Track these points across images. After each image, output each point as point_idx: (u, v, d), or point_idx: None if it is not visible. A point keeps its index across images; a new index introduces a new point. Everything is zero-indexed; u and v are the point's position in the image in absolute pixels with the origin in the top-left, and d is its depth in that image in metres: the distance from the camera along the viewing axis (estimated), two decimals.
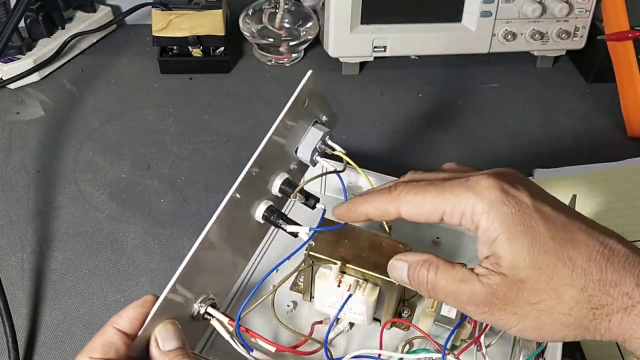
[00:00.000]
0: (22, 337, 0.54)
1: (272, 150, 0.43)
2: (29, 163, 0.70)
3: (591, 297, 0.33)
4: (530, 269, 0.33)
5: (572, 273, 0.33)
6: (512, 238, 0.34)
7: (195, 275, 0.40)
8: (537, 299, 0.34)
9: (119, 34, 0.92)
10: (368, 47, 0.80)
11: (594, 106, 0.81)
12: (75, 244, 0.62)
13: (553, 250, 0.33)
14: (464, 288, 0.35)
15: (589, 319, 0.33)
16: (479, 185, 0.35)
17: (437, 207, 0.37)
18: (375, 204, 0.40)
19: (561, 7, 0.78)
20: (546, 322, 0.34)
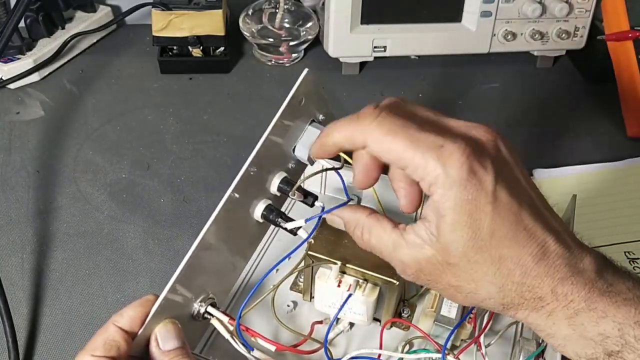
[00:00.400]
0: (22, 337, 0.54)
1: (269, 149, 0.43)
2: (29, 163, 0.70)
3: (505, 297, 0.35)
4: (460, 258, 0.35)
5: (496, 272, 0.35)
6: (455, 226, 0.34)
7: (194, 275, 0.40)
8: (457, 283, 0.36)
9: (119, 34, 0.92)
10: (368, 47, 0.80)
11: (594, 106, 0.81)
12: (75, 244, 0.62)
13: (487, 247, 0.34)
14: (396, 256, 0.37)
15: (498, 309, 0.36)
16: (450, 160, 0.34)
17: (401, 159, 0.35)
18: (344, 132, 0.38)
19: (561, 7, 0.78)
20: (459, 299, 0.37)
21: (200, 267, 0.40)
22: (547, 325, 0.35)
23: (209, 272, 0.42)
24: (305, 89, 0.44)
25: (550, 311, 0.35)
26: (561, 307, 0.35)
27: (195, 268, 0.39)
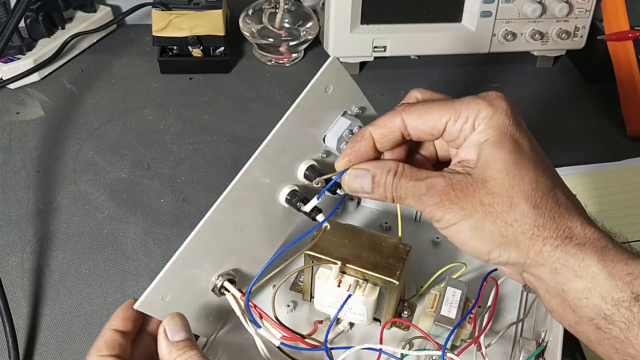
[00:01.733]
0: (22, 337, 0.54)
1: (296, 134, 0.44)
2: (29, 163, 0.70)
3: (538, 216, 0.35)
4: (499, 171, 0.35)
5: (533, 191, 0.35)
6: (499, 142, 0.36)
7: (213, 244, 0.42)
8: (490, 201, 0.35)
9: (119, 34, 0.92)
10: (368, 47, 0.80)
11: (594, 106, 0.81)
12: (75, 244, 0.62)
13: (526, 166, 0.36)
14: (424, 181, 0.37)
15: (526, 236, 0.35)
16: (489, 96, 0.37)
17: (444, 115, 0.38)
18: (379, 122, 0.40)
19: (561, 7, 0.78)
20: (486, 226, 0.36)
21: (220, 239, 0.42)
22: (576, 262, 0.34)
23: (231, 249, 0.44)
24: (333, 76, 0.44)
25: (580, 243, 0.35)
26: (590, 242, 0.35)
27: (213, 235, 0.42)
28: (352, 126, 0.45)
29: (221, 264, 0.44)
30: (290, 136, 0.43)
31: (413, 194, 0.38)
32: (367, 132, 0.40)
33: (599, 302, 0.34)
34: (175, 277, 0.42)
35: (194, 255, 0.42)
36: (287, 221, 0.48)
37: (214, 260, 0.44)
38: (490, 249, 0.36)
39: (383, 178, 0.39)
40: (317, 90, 0.43)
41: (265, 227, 0.46)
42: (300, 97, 0.43)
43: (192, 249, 0.42)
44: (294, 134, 0.44)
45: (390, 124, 0.39)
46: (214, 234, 0.43)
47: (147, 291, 0.40)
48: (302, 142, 0.44)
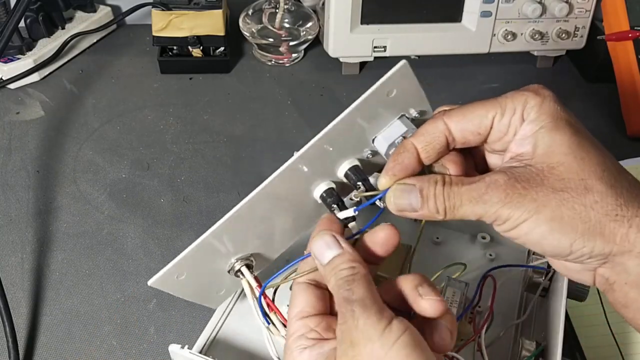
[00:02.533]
0: (22, 337, 0.54)
1: (347, 132, 0.41)
2: (29, 163, 0.70)
3: (619, 195, 0.32)
4: (566, 155, 0.33)
5: (604, 172, 0.33)
6: (556, 127, 0.34)
7: (240, 229, 0.42)
8: (563, 186, 0.32)
9: (119, 34, 0.92)
10: (368, 47, 0.80)
11: (594, 106, 0.81)
12: (75, 244, 0.62)
13: (591, 148, 0.34)
14: (483, 180, 0.34)
15: (610, 218, 0.32)
16: (533, 87, 0.36)
17: (489, 110, 0.35)
18: (421, 130, 0.37)
19: (561, 7, 0.78)
20: (565, 214, 0.32)
21: (249, 223, 0.42)
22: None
23: (255, 235, 0.43)
24: (399, 81, 0.41)
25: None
26: None
27: (244, 220, 0.41)
28: (408, 133, 0.41)
29: (242, 248, 0.44)
30: (342, 137, 0.41)
31: (471, 197, 0.34)
32: (410, 144, 0.37)
33: None
34: (194, 259, 0.42)
35: (218, 240, 0.42)
36: (313, 215, 0.46)
37: (236, 244, 0.43)
38: (572, 240, 0.32)
39: (432, 189, 0.35)
40: (379, 94, 0.41)
41: (292, 218, 0.45)
42: (361, 99, 0.40)
43: (218, 235, 0.41)
44: (344, 132, 0.41)
45: (433, 130, 0.36)
46: (243, 221, 0.42)
47: (163, 270, 0.41)
48: (350, 139, 0.42)
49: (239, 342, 0.49)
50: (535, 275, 0.51)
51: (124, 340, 0.54)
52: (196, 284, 0.44)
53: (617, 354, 0.53)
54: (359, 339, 0.31)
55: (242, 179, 0.69)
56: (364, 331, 0.31)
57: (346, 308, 0.33)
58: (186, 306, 0.56)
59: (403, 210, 0.36)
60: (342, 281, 0.34)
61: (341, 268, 0.35)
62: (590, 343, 0.53)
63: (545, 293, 0.51)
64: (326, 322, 0.36)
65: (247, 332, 0.49)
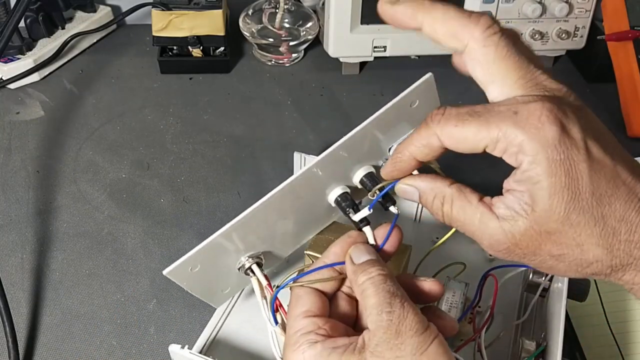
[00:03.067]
0: (22, 337, 0.54)
1: (365, 139, 0.42)
2: (29, 163, 0.70)
3: (614, 257, 0.33)
4: (562, 223, 0.32)
5: (602, 232, 0.32)
6: (553, 189, 0.32)
7: (252, 229, 0.42)
8: (559, 252, 0.33)
9: (119, 34, 0.92)
10: (368, 47, 0.80)
11: (594, 106, 0.81)
12: (75, 244, 0.62)
13: (589, 207, 0.32)
14: (484, 231, 0.34)
15: (605, 273, 0.33)
16: (530, 121, 0.32)
17: (480, 141, 0.33)
18: (418, 142, 0.36)
19: (561, 7, 0.78)
20: (561, 268, 0.34)
21: (264, 222, 0.43)
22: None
23: (268, 234, 0.44)
24: (423, 93, 0.42)
25: None
26: None
27: (261, 219, 0.42)
28: None
29: (254, 246, 0.44)
30: (362, 144, 0.42)
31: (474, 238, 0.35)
32: (407, 154, 0.37)
33: None
34: (212, 252, 0.42)
35: (236, 235, 0.42)
36: (326, 217, 0.48)
37: (249, 241, 0.44)
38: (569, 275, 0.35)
39: (430, 201, 0.36)
40: (402, 105, 0.42)
41: (305, 219, 0.46)
42: (385, 108, 0.41)
43: (236, 230, 0.42)
44: (363, 140, 0.42)
45: (428, 144, 0.36)
46: (259, 220, 0.43)
47: (179, 261, 0.41)
48: (367, 147, 0.43)
49: (239, 342, 0.49)
50: (535, 275, 0.51)
51: (124, 340, 0.54)
52: (206, 279, 0.44)
53: (617, 354, 0.53)
54: (405, 330, 0.34)
55: (242, 179, 0.69)
56: (411, 324, 0.34)
57: (394, 300, 0.35)
58: (186, 306, 0.56)
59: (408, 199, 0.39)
60: (381, 277, 0.37)
61: (376, 267, 0.37)
62: (590, 343, 0.53)
63: (545, 293, 0.51)
64: (332, 323, 0.38)
65: (247, 332, 0.49)
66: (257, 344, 0.48)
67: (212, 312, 0.50)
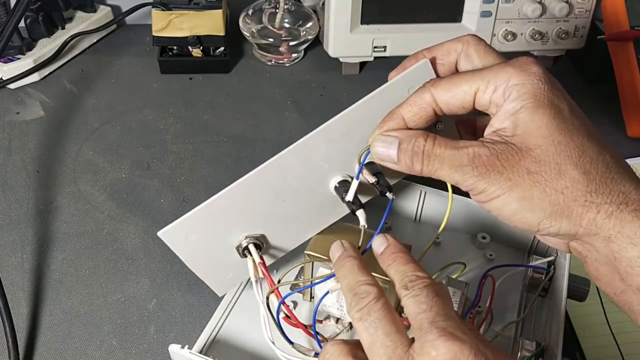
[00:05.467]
0: (22, 337, 0.54)
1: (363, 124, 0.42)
2: (29, 163, 0.70)
3: (590, 182, 0.33)
4: (544, 138, 0.34)
5: (580, 157, 0.34)
6: (537, 107, 0.34)
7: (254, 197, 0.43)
8: (537, 169, 0.34)
9: (119, 34, 0.92)
10: (368, 47, 0.80)
11: (594, 106, 0.81)
12: (75, 244, 0.62)
13: (570, 130, 0.34)
14: (465, 150, 0.35)
15: (579, 203, 0.33)
16: (519, 61, 0.36)
17: (473, 85, 0.36)
18: (409, 100, 0.38)
19: (561, 7, 0.78)
20: (535, 195, 0.34)
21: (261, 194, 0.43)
22: (632, 229, 0.33)
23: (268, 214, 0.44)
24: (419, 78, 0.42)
25: (636, 209, 0.33)
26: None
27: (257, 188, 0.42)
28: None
29: (253, 227, 0.44)
30: (357, 124, 0.42)
31: (451, 164, 0.35)
32: (398, 113, 0.39)
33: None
34: (206, 219, 0.42)
35: (231, 204, 0.42)
36: (331, 211, 0.47)
37: (247, 219, 0.44)
38: (540, 219, 0.34)
39: (410, 144, 0.37)
40: (398, 88, 0.42)
41: (307, 208, 0.46)
42: (379, 89, 0.42)
43: (230, 198, 0.42)
44: (362, 124, 0.42)
45: (421, 102, 0.38)
46: (255, 192, 0.43)
47: (174, 222, 0.42)
48: (367, 134, 0.42)
49: (239, 342, 0.49)
50: (535, 275, 0.51)
51: (124, 340, 0.54)
52: (205, 254, 0.44)
53: (617, 354, 0.53)
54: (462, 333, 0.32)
55: None
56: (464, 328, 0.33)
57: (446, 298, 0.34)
58: (186, 306, 0.56)
59: (382, 160, 0.39)
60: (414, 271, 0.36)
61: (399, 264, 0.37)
62: (590, 343, 0.53)
63: (545, 293, 0.51)
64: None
65: (247, 332, 0.49)
66: (257, 343, 0.48)
67: (212, 312, 0.50)
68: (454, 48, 0.41)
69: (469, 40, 0.40)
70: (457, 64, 0.41)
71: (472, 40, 0.40)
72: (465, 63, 0.41)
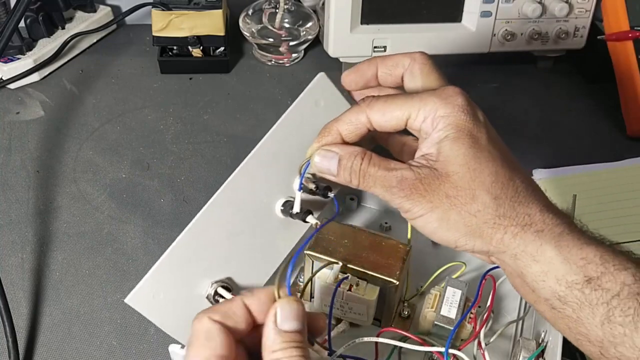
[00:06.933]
0: (22, 337, 0.54)
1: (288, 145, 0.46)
2: (29, 163, 0.70)
3: (499, 206, 0.37)
4: (461, 166, 0.38)
5: (493, 183, 0.38)
6: (457, 138, 0.38)
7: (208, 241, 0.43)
8: (454, 194, 0.38)
9: (119, 34, 0.92)
10: (368, 47, 0.80)
11: (594, 106, 0.81)
12: (75, 244, 0.62)
13: (486, 159, 0.38)
14: (395, 173, 0.39)
15: (488, 225, 0.37)
16: (446, 93, 0.39)
17: (404, 112, 0.40)
18: (346, 118, 0.42)
19: (561, 7, 0.78)
20: (451, 217, 0.38)
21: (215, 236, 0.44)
22: (534, 248, 0.37)
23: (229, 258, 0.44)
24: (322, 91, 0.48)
25: (538, 230, 0.37)
26: (548, 229, 0.37)
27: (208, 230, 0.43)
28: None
29: (217, 271, 0.44)
30: (282, 146, 0.45)
31: (382, 184, 0.39)
32: (335, 129, 0.42)
33: (554, 285, 0.36)
34: (168, 274, 0.42)
35: (187, 252, 0.42)
36: (289, 233, 0.48)
37: (209, 265, 0.43)
38: (456, 238, 0.38)
39: (349, 162, 0.40)
40: (307, 104, 0.46)
41: (264, 238, 0.46)
42: (289, 109, 0.46)
43: (185, 245, 0.42)
44: (285, 145, 0.45)
45: (357, 121, 0.41)
46: (209, 234, 0.43)
47: (138, 286, 0.41)
48: (296, 154, 0.45)
49: None
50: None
51: (124, 340, 0.54)
52: (176, 309, 0.43)
53: None
54: None
55: None
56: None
57: None
58: None
59: (322, 172, 0.42)
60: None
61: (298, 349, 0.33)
62: None
63: None
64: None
65: None
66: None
67: None
68: (402, 62, 0.44)
69: (417, 58, 0.44)
70: (402, 78, 0.45)
71: (419, 58, 0.44)
72: (409, 80, 0.44)
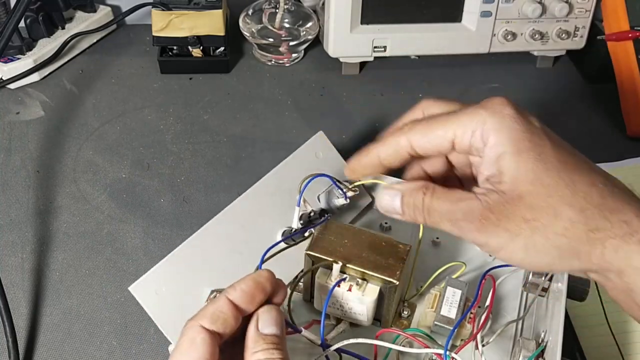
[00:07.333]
0: (22, 337, 0.54)
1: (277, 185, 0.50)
2: (29, 163, 0.70)
3: (589, 219, 0.32)
4: (532, 184, 0.33)
5: (573, 194, 0.33)
6: (519, 152, 0.34)
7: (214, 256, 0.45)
8: (532, 216, 0.33)
9: (119, 34, 0.92)
10: (368, 47, 0.80)
11: (594, 106, 0.81)
12: (75, 244, 0.62)
13: (557, 169, 0.33)
14: (461, 205, 0.35)
15: (582, 242, 0.33)
16: (491, 103, 0.35)
17: (448, 130, 0.36)
18: (386, 142, 0.39)
19: (561, 7, 0.78)
20: (537, 241, 0.33)
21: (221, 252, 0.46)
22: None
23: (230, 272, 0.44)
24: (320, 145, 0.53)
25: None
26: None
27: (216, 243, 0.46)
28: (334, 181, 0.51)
29: (217, 281, 0.45)
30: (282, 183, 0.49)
31: (449, 219, 0.35)
32: (374, 151, 0.40)
33: None
34: (174, 272, 0.43)
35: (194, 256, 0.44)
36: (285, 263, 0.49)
37: (209, 274, 0.45)
38: (549, 262, 0.34)
39: (412, 199, 0.37)
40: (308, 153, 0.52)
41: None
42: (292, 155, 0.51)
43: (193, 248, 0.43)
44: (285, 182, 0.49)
45: (396, 145, 0.38)
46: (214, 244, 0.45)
47: (144, 275, 0.42)
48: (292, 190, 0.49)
49: None
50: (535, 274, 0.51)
51: (124, 340, 0.54)
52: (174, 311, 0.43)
53: (617, 354, 0.53)
54: None
55: (242, 179, 0.68)
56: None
57: None
58: None
59: (388, 212, 0.39)
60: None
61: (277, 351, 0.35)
62: (590, 343, 0.53)
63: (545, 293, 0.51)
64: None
65: None
66: None
67: None
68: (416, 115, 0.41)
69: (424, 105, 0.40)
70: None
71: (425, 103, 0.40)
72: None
